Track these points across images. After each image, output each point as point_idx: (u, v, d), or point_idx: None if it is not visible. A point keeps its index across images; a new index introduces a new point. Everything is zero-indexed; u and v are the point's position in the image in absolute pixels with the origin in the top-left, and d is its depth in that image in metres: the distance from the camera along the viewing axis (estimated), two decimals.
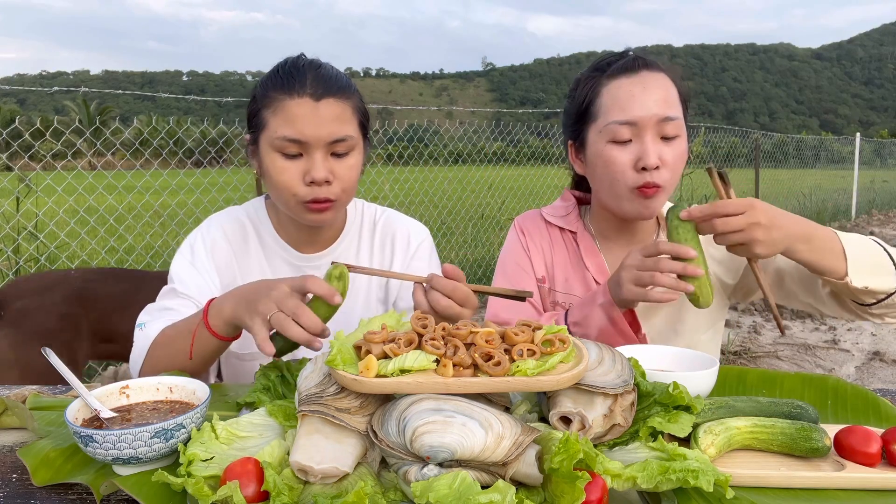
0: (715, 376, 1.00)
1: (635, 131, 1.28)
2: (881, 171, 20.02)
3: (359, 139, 1.31)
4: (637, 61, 1.31)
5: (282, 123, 1.23)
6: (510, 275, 1.52)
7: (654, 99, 1.27)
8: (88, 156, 4.98)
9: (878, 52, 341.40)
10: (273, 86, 1.25)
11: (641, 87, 1.28)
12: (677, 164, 1.30)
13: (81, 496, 0.82)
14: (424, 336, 0.83)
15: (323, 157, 1.25)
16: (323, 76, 1.26)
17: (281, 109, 1.23)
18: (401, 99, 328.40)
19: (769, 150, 13.30)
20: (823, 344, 4.82)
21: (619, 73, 1.31)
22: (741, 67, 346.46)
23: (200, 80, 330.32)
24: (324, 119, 1.23)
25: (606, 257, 1.49)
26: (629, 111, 1.27)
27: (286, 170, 1.25)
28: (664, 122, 1.27)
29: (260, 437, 0.85)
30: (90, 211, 4.61)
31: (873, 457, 0.82)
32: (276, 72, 1.28)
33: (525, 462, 0.74)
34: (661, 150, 1.27)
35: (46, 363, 0.99)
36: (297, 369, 1.03)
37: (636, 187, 1.28)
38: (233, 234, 1.43)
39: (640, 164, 1.27)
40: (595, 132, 1.33)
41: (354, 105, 1.29)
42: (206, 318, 1.13)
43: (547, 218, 1.54)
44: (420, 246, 1.51)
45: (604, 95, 1.31)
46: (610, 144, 1.30)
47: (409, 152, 6.80)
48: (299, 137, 1.22)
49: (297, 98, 1.22)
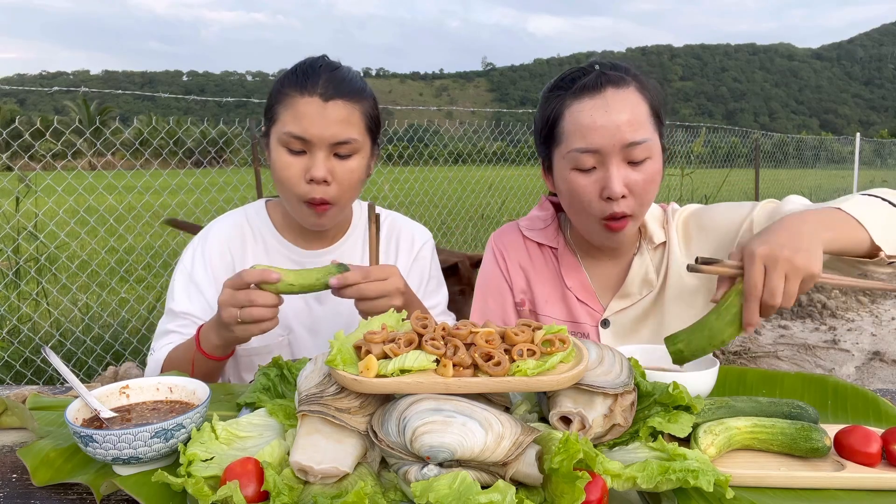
0: (715, 376, 1.00)
1: (599, 158, 1.20)
2: (881, 171, 20.01)
3: (364, 143, 1.33)
4: (601, 78, 1.21)
5: (290, 119, 1.27)
6: (490, 306, 1.49)
7: (616, 123, 1.18)
8: (88, 156, 4.98)
9: (878, 52, 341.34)
10: (288, 82, 1.29)
11: (603, 110, 1.19)
12: (647, 189, 1.22)
13: (81, 496, 0.82)
14: (424, 336, 0.83)
15: (325, 156, 1.28)
16: (336, 78, 1.29)
17: (291, 106, 1.27)
18: (401, 99, 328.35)
19: (769, 150, 13.30)
20: (823, 344, 4.82)
21: (581, 93, 1.22)
22: (741, 67, 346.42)
23: (200, 80, 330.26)
24: (329, 120, 1.26)
25: (590, 273, 1.42)
26: (590, 139, 1.19)
27: (289, 165, 1.29)
28: (630, 148, 1.18)
29: (260, 437, 0.85)
30: (90, 211, 4.60)
31: (873, 457, 0.82)
32: (295, 70, 1.32)
33: (525, 462, 0.74)
34: (628, 177, 1.19)
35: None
36: (297, 369, 1.03)
37: (602, 218, 1.22)
38: (231, 240, 1.46)
39: (604, 193, 1.20)
40: (559, 157, 1.26)
41: (364, 109, 1.31)
42: (199, 347, 1.23)
43: (525, 233, 1.47)
44: (423, 247, 1.54)
45: (566, 118, 1.23)
46: (574, 172, 1.23)
47: (409, 152, 6.80)
48: (304, 135, 1.26)
49: (307, 97, 1.26)
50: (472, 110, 8.92)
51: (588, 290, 1.41)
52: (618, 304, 1.39)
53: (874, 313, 5.54)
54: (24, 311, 4.07)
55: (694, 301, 1.37)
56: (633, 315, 1.38)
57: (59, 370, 0.95)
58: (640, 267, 1.37)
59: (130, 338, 4.21)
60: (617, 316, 1.39)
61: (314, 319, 1.46)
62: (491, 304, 1.50)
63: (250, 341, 1.42)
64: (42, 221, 4.30)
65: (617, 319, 1.39)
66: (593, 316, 1.40)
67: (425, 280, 1.54)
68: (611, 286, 1.41)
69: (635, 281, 1.37)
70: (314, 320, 1.46)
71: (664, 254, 1.38)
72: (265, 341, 1.44)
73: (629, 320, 1.38)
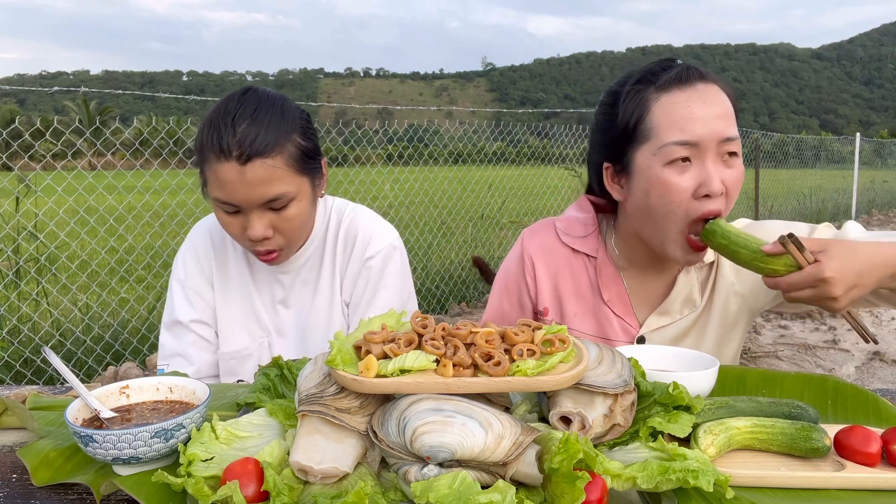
0: (715, 376, 1.00)
1: (696, 153, 1.13)
2: (881, 171, 20.00)
3: (299, 186, 1.28)
4: (691, 71, 1.17)
5: (215, 186, 1.24)
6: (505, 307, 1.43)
7: (714, 115, 1.13)
8: (88, 156, 4.98)
9: (878, 52, 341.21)
10: (207, 143, 1.23)
11: (701, 102, 1.13)
12: (736, 189, 1.17)
13: (81, 496, 0.82)
14: (424, 336, 0.83)
15: (259, 214, 1.25)
16: (249, 136, 1.20)
17: (213, 171, 1.23)
18: (401, 99, 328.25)
19: (769, 150, 13.29)
20: (823, 344, 4.82)
21: (671, 85, 1.16)
22: (741, 67, 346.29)
23: (200, 80, 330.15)
24: (252, 183, 1.21)
25: (629, 286, 1.34)
26: (689, 130, 1.12)
27: (229, 224, 1.29)
28: (726, 143, 1.13)
29: (260, 437, 0.85)
30: (90, 211, 4.60)
31: (873, 457, 0.82)
32: (210, 124, 1.23)
33: (525, 462, 0.74)
34: (723, 174, 1.14)
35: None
36: (297, 369, 1.03)
37: (689, 221, 1.15)
38: (213, 239, 1.50)
39: (701, 190, 1.13)
40: (647, 154, 1.16)
41: (287, 156, 1.24)
42: None
43: (562, 238, 1.37)
44: (377, 254, 1.45)
45: (656, 112, 1.15)
46: (668, 168, 1.14)
47: (409, 152, 6.79)
48: (230, 201, 1.24)
49: (223, 162, 1.20)
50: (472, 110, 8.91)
51: (626, 304, 1.33)
52: (656, 322, 1.32)
53: (874, 313, 5.54)
54: (24, 311, 4.07)
55: (735, 326, 1.33)
56: (671, 334, 1.32)
57: (59, 370, 0.95)
58: (686, 285, 1.31)
59: (130, 338, 4.21)
60: (653, 334, 1.32)
61: (283, 324, 1.50)
62: (506, 306, 1.44)
63: (234, 344, 1.47)
64: (42, 221, 4.30)
65: (653, 337, 1.32)
66: (628, 331, 1.33)
67: (370, 292, 1.45)
68: (650, 302, 1.34)
69: (678, 299, 1.31)
70: (283, 324, 1.50)
71: (711, 273, 1.33)
72: (245, 344, 1.48)
73: (666, 339, 1.32)
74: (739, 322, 1.33)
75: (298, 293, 1.47)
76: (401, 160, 6.77)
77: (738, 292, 1.32)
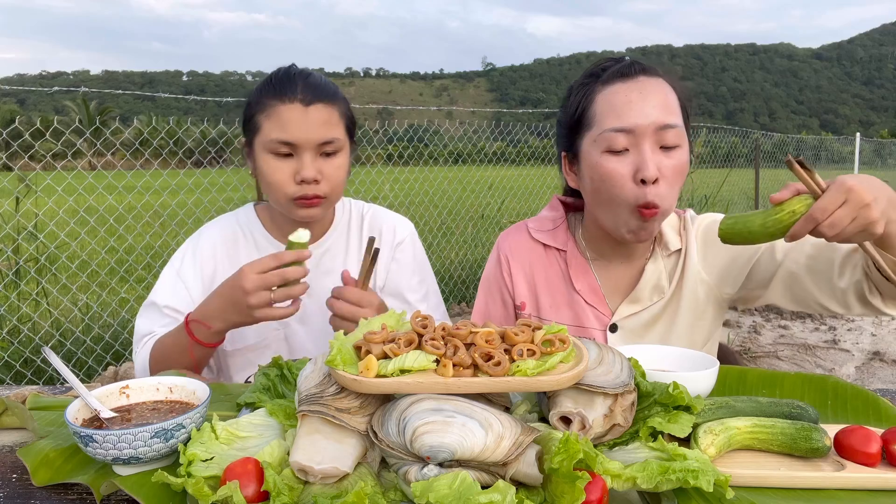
0: (715, 376, 1.00)
1: (632, 140, 1.18)
2: (881, 171, 20.00)
3: (345, 142, 1.40)
4: (634, 66, 1.23)
5: (274, 127, 1.33)
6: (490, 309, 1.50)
7: (652, 104, 1.18)
8: (88, 156, 4.98)
9: (878, 52, 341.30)
10: (266, 92, 1.36)
11: (638, 92, 1.19)
12: (677, 179, 1.20)
13: (81, 496, 0.82)
14: (424, 336, 0.83)
15: (312, 157, 1.35)
16: (312, 84, 1.36)
17: (274, 114, 1.33)
18: (401, 99, 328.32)
19: (769, 150, 13.29)
20: (823, 344, 4.82)
21: (614, 78, 1.22)
22: (741, 67, 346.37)
23: (200, 80, 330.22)
24: (313, 123, 1.33)
25: (599, 276, 1.39)
26: (625, 118, 1.18)
27: (278, 169, 1.35)
28: (664, 130, 1.18)
29: (260, 437, 0.85)
30: (90, 211, 4.60)
31: (873, 457, 0.82)
32: (270, 80, 1.38)
33: (525, 462, 0.74)
34: (661, 162, 1.18)
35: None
36: (297, 369, 1.04)
37: (636, 205, 1.18)
38: (223, 242, 1.52)
39: (638, 175, 1.17)
40: (589, 141, 1.23)
41: (341, 110, 1.39)
42: (194, 337, 1.29)
43: (532, 234, 1.45)
44: (405, 238, 1.59)
45: (598, 102, 1.22)
46: (605, 155, 1.20)
47: (409, 152, 6.79)
48: (290, 140, 1.33)
49: (288, 103, 1.33)
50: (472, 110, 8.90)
51: (597, 294, 1.38)
52: (627, 309, 1.37)
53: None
54: (24, 311, 4.07)
55: (704, 312, 1.36)
56: (642, 321, 1.37)
57: (59, 370, 0.95)
58: (653, 273, 1.36)
59: (130, 338, 4.21)
60: (626, 321, 1.37)
61: (304, 312, 1.48)
62: (490, 307, 1.50)
63: (248, 337, 1.45)
64: (42, 221, 4.30)
65: (625, 324, 1.37)
66: (601, 320, 1.38)
67: (408, 273, 1.58)
68: (621, 290, 1.39)
69: (647, 287, 1.35)
70: (304, 313, 1.48)
71: (678, 261, 1.36)
72: (262, 335, 1.47)
73: (638, 325, 1.36)
74: (708, 309, 1.37)
75: (320, 282, 1.47)
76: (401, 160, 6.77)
77: (704, 280, 1.35)
